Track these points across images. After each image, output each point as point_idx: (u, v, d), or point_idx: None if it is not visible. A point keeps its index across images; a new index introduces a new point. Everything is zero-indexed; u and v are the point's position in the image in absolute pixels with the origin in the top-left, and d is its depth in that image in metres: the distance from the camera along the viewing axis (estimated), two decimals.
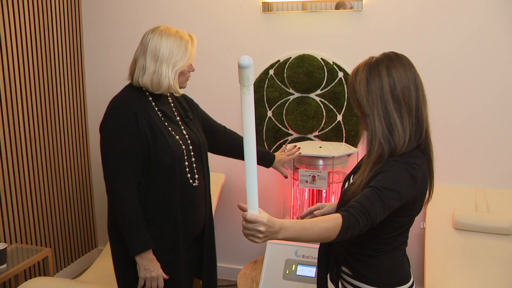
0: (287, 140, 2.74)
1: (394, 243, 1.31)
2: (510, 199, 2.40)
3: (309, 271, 2.21)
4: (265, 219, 1.04)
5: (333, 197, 2.41)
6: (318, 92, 2.63)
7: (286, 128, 2.73)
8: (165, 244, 1.66)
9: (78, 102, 3.04)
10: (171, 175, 1.62)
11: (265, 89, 2.71)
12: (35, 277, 2.48)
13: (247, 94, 1.00)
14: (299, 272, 2.22)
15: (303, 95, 2.66)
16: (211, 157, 1.87)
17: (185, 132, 1.71)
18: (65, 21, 2.87)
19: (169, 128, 1.66)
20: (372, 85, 1.23)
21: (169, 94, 1.75)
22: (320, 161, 2.35)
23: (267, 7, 2.62)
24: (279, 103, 2.70)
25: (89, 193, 3.19)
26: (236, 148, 1.97)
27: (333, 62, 2.59)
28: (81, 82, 3.06)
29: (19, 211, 2.58)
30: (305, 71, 2.60)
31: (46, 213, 2.78)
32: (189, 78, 1.72)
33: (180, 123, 1.73)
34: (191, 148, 1.69)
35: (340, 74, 2.59)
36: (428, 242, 2.39)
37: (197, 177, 1.71)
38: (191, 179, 1.68)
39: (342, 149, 2.41)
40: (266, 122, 2.75)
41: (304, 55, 2.61)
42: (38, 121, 2.69)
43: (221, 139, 1.97)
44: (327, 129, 2.66)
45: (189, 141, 1.70)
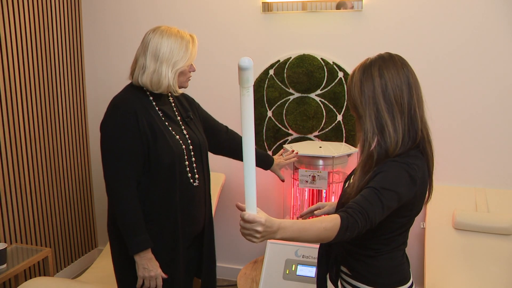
0: (287, 140, 2.74)
1: (393, 243, 1.31)
2: (510, 199, 2.40)
3: (309, 271, 2.21)
4: (263, 219, 1.04)
5: (333, 197, 2.41)
6: (318, 92, 2.63)
7: (286, 128, 2.73)
8: (165, 243, 1.66)
9: (78, 102, 3.04)
10: (171, 174, 1.62)
11: (265, 89, 2.71)
12: (35, 277, 2.48)
13: (246, 96, 1.00)
14: (299, 272, 2.22)
15: (303, 95, 2.66)
16: (211, 157, 1.87)
17: (185, 132, 1.71)
18: (65, 21, 2.87)
19: (169, 128, 1.66)
20: (365, 87, 1.24)
21: (169, 94, 1.75)
22: (320, 161, 2.35)
23: (267, 7, 2.62)
24: (279, 103, 2.70)
25: (89, 193, 3.19)
26: (237, 148, 1.97)
27: (333, 62, 2.59)
28: (81, 82, 3.06)
29: (19, 211, 2.58)
30: (305, 71, 2.60)
31: (46, 213, 2.78)
32: (190, 78, 1.72)
33: (181, 123, 1.73)
34: (191, 148, 1.69)
35: (340, 74, 2.59)
36: (428, 242, 2.39)
37: (197, 177, 1.71)
38: (191, 179, 1.68)
39: (342, 149, 2.41)
40: (266, 122, 2.75)
41: (304, 55, 2.61)
42: (38, 121, 2.69)
43: (222, 139, 1.96)
44: (327, 129, 2.67)
45: (189, 141, 1.70)
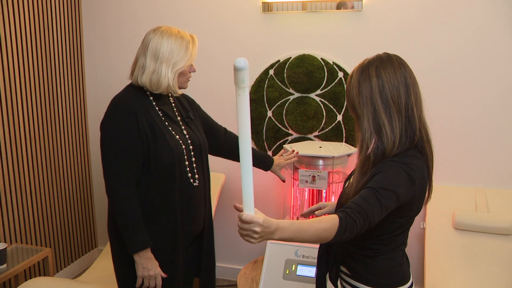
0: (287, 140, 2.74)
1: (393, 244, 1.30)
2: (510, 199, 2.40)
3: (309, 271, 2.21)
4: (261, 219, 1.04)
5: (333, 197, 2.40)
6: (318, 92, 2.63)
7: (286, 128, 2.73)
8: (165, 243, 1.66)
9: (78, 102, 3.04)
10: (171, 174, 1.62)
11: (265, 89, 2.71)
12: (35, 277, 2.48)
13: (242, 96, 1.00)
14: (299, 272, 2.22)
15: (303, 95, 2.66)
16: (211, 157, 1.87)
17: (185, 132, 1.71)
18: (65, 21, 2.87)
19: (169, 128, 1.66)
20: (362, 87, 1.24)
21: (170, 94, 1.75)
22: (320, 161, 2.35)
23: (267, 7, 2.62)
24: (279, 103, 2.70)
25: (89, 193, 3.19)
26: (235, 149, 1.97)
27: (333, 62, 2.59)
28: (81, 82, 3.06)
29: (19, 211, 2.58)
30: (305, 71, 2.60)
31: (46, 213, 2.78)
32: (190, 78, 1.72)
33: (181, 123, 1.73)
34: (191, 148, 1.69)
35: (340, 74, 2.59)
36: (428, 242, 2.39)
37: (197, 177, 1.71)
38: (191, 179, 1.69)
39: (342, 149, 2.41)
40: (266, 122, 2.75)
41: (304, 55, 2.61)
42: (38, 121, 2.69)
43: (221, 141, 1.97)
44: (327, 129, 2.66)
45: (189, 141, 1.70)
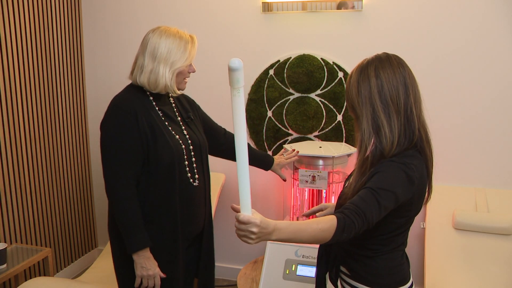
0: (287, 140, 2.74)
1: (392, 244, 1.30)
2: (510, 199, 2.40)
3: (309, 271, 2.21)
4: (258, 220, 1.04)
5: (333, 197, 2.40)
6: (318, 92, 2.63)
7: (286, 128, 2.73)
8: (164, 243, 1.66)
9: (78, 102, 3.04)
10: (170, 174, 1.62)
11: (265, 89, 2.71)
12: (35, 277, 2.48)
13: (237, 97, 1.01)
14: (299, 272, 2.22)
15: (303, 95, 2.66)
16: (211, 157, 1.88)
17: (185, 132, 1.71)
18: (65, 21, 2.87)
19: (169, 128, 1.66)
20: (361, 87, 1.24)
21: (170, 95, 1.75)
22: (320, 161, 2.35)
23: (267, 7, 2.62)
24: (279, 103, 2.70)
25: (89, 193, 3.19)
26: (234, 150, 1.97)
27: (333, 62, 2.59)
28: (81, 82, 3.06)
29: (19, 211, 2.58)
30: (305, 71, 2.60)
31: (46, 213, 2.78)
32: (187, 79, 1.71)
33: (181, 123, 1.73)
34: (191, 148, 1.69)
35: (340, 74, 2.59)
36: (428, 242, 2.39)
37: (197, 176, 1.71)
38: (191, 179, 1.69)
39: (342, 149, 2.41)
40: (266, 122, 2.75)
41: (304, 55, 2.61)
42: (38, 121, 2.69)
43: (221, 141, 1.97)
44: (327, 129, 2.66)
45: (189, 141, 1.70)
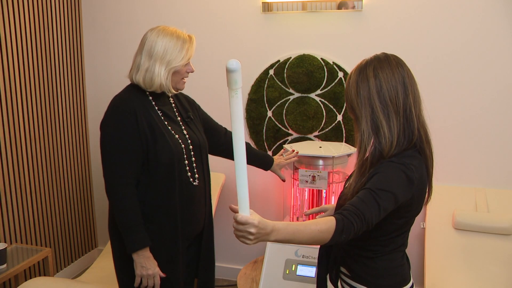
0: (287, 140, 2.74)
1: (392, 245, 1.30)
2: (510, 199, 2.40)
3: (309, 271, 2.21)
4: (256, 220, 1.03)
5: (333, 197, 2.40)
6: (318, 92, 2.63)
7: (286, 128, 2.73)
8: (164, 243, 1.66)
9: (78, 102, 3.04)
10: (170, 174, 1.62)
11: (265, 89, 2.71)
12: (35, 277, 2.48)
13: (235, 98, 1.01)
14: (299, 272, 2.22)
15: (303, 95, 2.66)
16: (211, 157, 1.87)
17: (185, 132, 1.71)
18: (65, 21, 2.87)
19: (169, 128, 1.66)
20: (360, 88, 1.24)
21: (170, 94, 1.75)
22: (320, 161, 2.35)
23: (267, 7, 2.62)
24: (279, 103, 2.70)
25: (89, 193, 3.19)
26: None
27: (333, 62, 2.59)
28: (81, 82, 3.06)
29: (19, 211, 2.58)
30: (305, 71, 2.60)
31: (46, 213, 2.78)
32: (186, 79, 1.70)
33: (181, 123, 1.73)
34: (191, 147, 1.69)
35: (340, 74, 2.59)
36: (428, 242, 2.39)
37: (197, 176, 1.71)
38: (191, 178, 1.69)
39: (342, 149, 2.41)
40: (266, 122, 2.75)
41: (304, 55, 2.61)
42: (38, 121, 2.69)
43: (221, 141, 1.97)
44: (327, 129, 2.66)
45: (189, 140, 1.70)
